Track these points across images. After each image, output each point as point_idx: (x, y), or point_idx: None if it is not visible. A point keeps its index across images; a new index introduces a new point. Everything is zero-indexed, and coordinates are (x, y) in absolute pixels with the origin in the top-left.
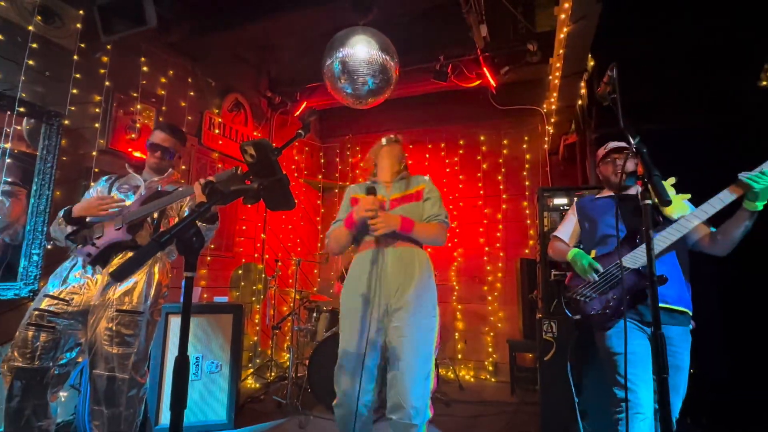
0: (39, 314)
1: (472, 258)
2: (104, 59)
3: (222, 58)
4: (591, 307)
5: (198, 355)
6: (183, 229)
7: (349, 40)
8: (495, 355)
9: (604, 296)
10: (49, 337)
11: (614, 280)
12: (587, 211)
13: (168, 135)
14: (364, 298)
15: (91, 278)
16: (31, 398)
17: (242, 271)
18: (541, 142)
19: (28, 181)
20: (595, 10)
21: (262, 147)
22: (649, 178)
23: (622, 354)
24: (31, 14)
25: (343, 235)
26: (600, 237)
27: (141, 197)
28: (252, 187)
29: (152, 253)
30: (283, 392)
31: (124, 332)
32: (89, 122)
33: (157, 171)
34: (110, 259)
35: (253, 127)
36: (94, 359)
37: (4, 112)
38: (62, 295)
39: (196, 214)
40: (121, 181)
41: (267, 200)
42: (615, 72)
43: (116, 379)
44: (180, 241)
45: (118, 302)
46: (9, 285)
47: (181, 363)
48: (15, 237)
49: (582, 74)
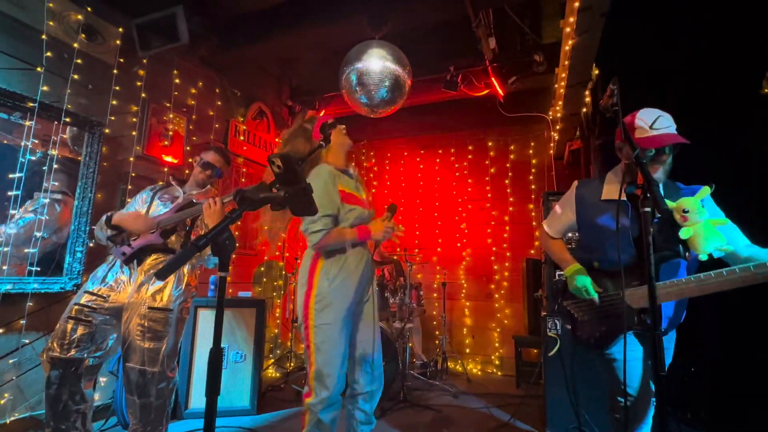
0: (78, 309)
1: (480, 258)
2: (141, 72)
3: (247, 70)
4: (581, 327)
5: (224, 345)
6: (217, 234)
7: (365, 53)
8: (501, 350)
9: (595, 322)
10: (86, 331)
11: (612, 311)
12: (591, 213)
13: (221, 157)
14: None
15: (127, 278)
16: (67, 385)
17: (264, 268)
18: (546, 148)
19: (72, 186)
20: (598, 24)
21: (288, 159)
22: (649, 188)
23: (619, 361)
24: (76, 32)
25: (345, 242)
26: (603, 252)
27: (176, 205)
28: (279, 194)
29: (191, 254)
30: (302, 382)
31: (155, 328)
32: (127, 131)
33: (202, 186)
34: (144, 259)
35: (275, 134)
36: (127, 352)
37: (51, 122)
38: (100, 292)
39: (228, 220)
40: (163, 191)
41: (292, 207)
42: (616, 85)
43: (146, 372)
44: (215, 244)
45: (150, 300)
46: (56, 279)
47: (215, 354)
48: (60, 236)
49: (587, 84)
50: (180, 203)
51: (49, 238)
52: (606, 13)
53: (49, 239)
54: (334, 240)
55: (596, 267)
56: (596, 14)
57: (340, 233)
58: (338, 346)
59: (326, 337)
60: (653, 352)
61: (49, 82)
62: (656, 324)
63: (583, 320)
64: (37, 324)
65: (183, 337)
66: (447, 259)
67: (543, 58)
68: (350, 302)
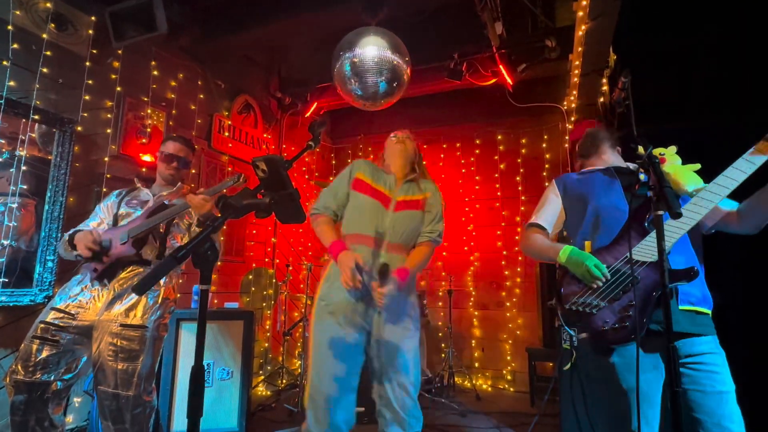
0: (44, 327)
1: (490, 262)
2: (115, 64)
3: (232, 60)
4: (601, 319)
5: (209, 361)
6: (198, 244)
7: (360, 40)
8: (514, 364)
9: (617, 303)
10: (52, 351)
11: (628, 280)
12: (574, 189)
13: (182, 145)
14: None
15: (97, 293)
16: (33, 412)
17: (253, 276)
18: (561, 141)
19: (41, 188)
20: (614, 7)
21: (273, 162)
22: (660, 189)
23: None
24: (45, 22)
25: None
26: (593, 222)
27: (147, 210)
28: (264, 201)
29: (170, 267)
30: (295, 400)
31: (129, 347)
32: (101, 128)
33: (171, 182)
34: (117, 273)
35: (263, 128)
36: (98, 375)
37: (19, 120)
38: (68, 308)
39: (210, 229)
40: (130, 195)
41: (278, 213)
42: (628, 78)
43: (120, 396)
44: (195, 255)
45: (122, 317)
46: (25, 291)
47: (197, 373)
48: (30, 244)
49: (603, 71)
50: (151, 207)
51: (18, 246)
52: None
53: (17, 247)
54: (317, 228)
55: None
56: None
57: (323, 229)
58: (327, 365)
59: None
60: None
61: (16, 76)
62: (669, 335)
63: (600, 309)
64: (5, 340)
65: (165, 354)
66: (453, 264)
67: (556, 43)
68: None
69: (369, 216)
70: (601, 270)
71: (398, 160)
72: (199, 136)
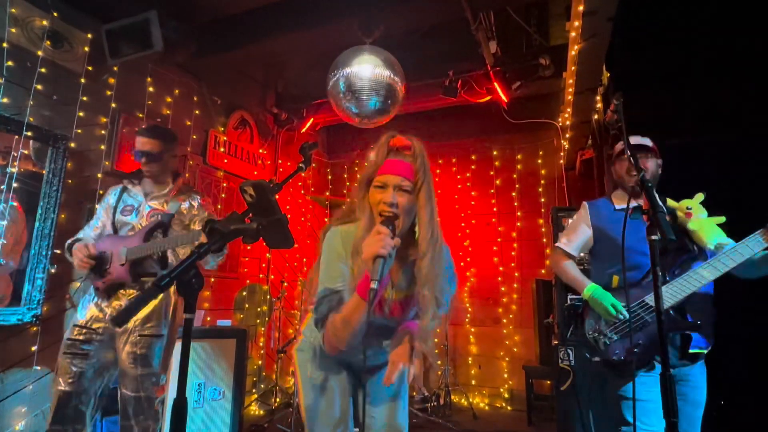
0: (71, 343)
1: (486, 278)
2: (111, 81)
3: (228, 76)
4: (612, 351)
5: (200, 381)
6: (183, 272)
7: (354, 58)
8: (511, 382)
9: (627, 338)
10: (85, 362)
11: (641, 321)
12: (605, 224)
13: (149, 138)
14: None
15: (112, 307)
16: (70, 422)
17: (246, 293)
18: (556, 157)
19: (32, 204)
20: (606, 28)
21: (261, 187)
22: (654, 215)
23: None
24: (40, 39)
25: (357, 315)
26: (621, 259)
27: (143, 229)
28: (251, 226)
29: (152, 296)
30: (288, 420)
31: (147, 354)
32: (95, 144)
33: (153, 179)
34: (115, 293)
35: (258, 144)
36: (122, 379)
37: (12, 136)
38: (88, 323)
39: (195, 256)
40: (123, 200)
41: (266, 239)
42: (620, 101)
43: (141, 398)
44: (180, 283)
45: (140, 328)
46: (13, 310)
47: (179, 405)
48: (18, 261)
49: (597, 89)
50: (146, 226)
51: (6, 264)
52: (613, 17)
53: (5, 265)
54: (342, 329)
55: (614, 285)
56: (603, 18)
57: (334, 319)
58: (320, 419)
59: (303, 399)
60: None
61: (9, 92)
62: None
63: (613, 341)
64: None
65: None
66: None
67: (550, 61)
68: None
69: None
70: (618, 309)
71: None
72: (194, 152)
